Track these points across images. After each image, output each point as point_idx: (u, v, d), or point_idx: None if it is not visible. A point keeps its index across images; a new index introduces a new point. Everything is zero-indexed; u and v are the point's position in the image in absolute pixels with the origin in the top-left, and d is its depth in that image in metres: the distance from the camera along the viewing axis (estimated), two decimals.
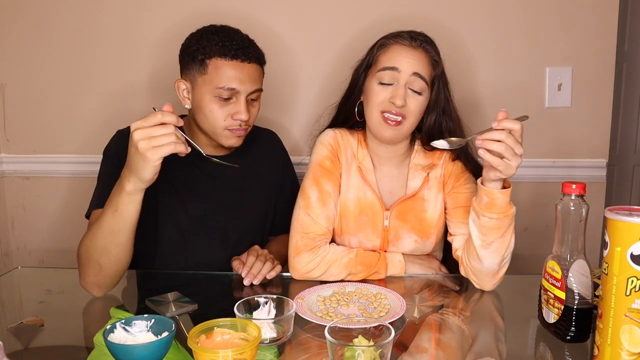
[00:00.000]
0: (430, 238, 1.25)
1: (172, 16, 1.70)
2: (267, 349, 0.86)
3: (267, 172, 1.39)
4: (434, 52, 1.18)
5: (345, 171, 1.27)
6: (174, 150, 0.92)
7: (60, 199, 1.85)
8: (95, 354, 0.85)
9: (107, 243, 1.02)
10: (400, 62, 1.15)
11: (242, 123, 1.19)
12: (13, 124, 1.82)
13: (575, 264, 0.86)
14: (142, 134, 0.91)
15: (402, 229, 1.24)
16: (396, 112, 1.14)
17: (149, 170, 0.93)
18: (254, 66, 1.18)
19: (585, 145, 1.76)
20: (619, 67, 2.44)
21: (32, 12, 1.75)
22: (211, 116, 1.17)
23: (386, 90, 1.16)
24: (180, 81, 1.21)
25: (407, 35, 1.18)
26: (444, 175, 1.25)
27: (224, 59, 1.15)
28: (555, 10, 1.69)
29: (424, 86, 1.16)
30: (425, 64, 1.16)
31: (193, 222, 1.28)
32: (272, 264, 1.18)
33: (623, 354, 0.72)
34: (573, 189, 0.86)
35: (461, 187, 1.23)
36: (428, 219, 1.24)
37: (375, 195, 1.24)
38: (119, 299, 1.13)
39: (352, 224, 1.25)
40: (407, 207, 1.24)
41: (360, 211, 1.25)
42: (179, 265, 1.28)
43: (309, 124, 1.77)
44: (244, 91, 1.16)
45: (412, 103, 1.15)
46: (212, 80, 1.15)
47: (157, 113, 0.92)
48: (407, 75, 1.14)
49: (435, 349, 0.88)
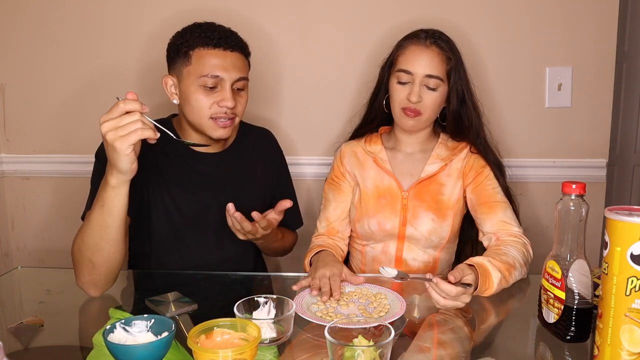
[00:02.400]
0: (447, 219, 1.31)
1: (174, 16, 1.70)
2: (267, 349, 0.86)
3: (262, 169, 1.38)
4: (447, 48, 1.27)
5: (359, 166, 1.38)
6: (141, 136, 0.93)
7: (60, 199, 1.85)
8: (94, 354, 0.85)
9: (98, 239, 1.02)
10: (414, 65, 1.25)
11: (228, 111, 1.18)
12: (13, 124, 1.82)
13: (575, 264, 0.86)
14: (108, 126, 0.92)
15: (419, 208, 1.31)
16: (413, 107, 1.26)
17: (122, 160, 0.94)
18: (236, 54, 1.19)
19: (585, 145, 1.76)
20: (619, 67, 2.44)
21: (32, 12, 1.75)
22: (197, 105, 1.17)
23: (404, 88, 1.27)
24: (167, 77, 1.22)
25: (422, 35, 1.28)
26: (465, 167, 1.33)
27: (207, 48, 1.16)
28: (555, 11, 1.69)
29: (438, 83, 1.26)
30: (439, 61, 1.25)
31: (187, 221, 1.28)
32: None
33: (623, 353, 0.72)
34: (573, 188, 0.86)
35: (484, 182, 1.30)
36: (445, 201, 1.32)
37: (392, 179, 1.34)
38: (118, 299, 1.13)
39: (372, 206, 1.34)
40: (424, 188, 1.33)
41: (379, 195, 1.35)
42: (174, 265, 1.28)
43: (305, 122, 1.78)
44: (229, 79, 1.17)
45: (428, 98, 1.26)
46: (197, 70, 1.16)
47: (120, 102, 0.93)
48: (421, 77, 1.25)
49: (435, 349, 0.88)
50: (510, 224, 1.24)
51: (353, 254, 1.44)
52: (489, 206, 1.27)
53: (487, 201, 1.28)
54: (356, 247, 1.41)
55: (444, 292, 0.95)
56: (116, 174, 0.97)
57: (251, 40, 1.26)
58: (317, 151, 1.79)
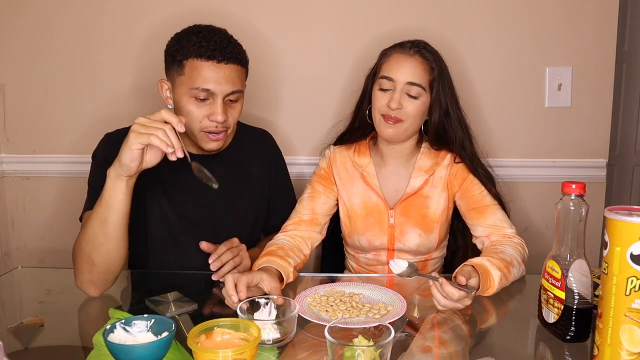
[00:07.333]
0: (433, 232, 1.31)
1: (173, 17, 1.70)
2: (267, 350, 0.86)
3: (259, 170, 1.38)
4: (431, 58, 1.25)
5: (348, 181, 1.36)
6: (153, 142, 0.96)
7: (60, 199, 1.85)
8: (94, 354, 0.85)
9: (97, 234, 1.03)
10: (396, 72, 1.23)
11: (219, 125, 1.17)
12: (13, 124, 1.82)
13: (575, 264, 0.86)
14: (139, 120, 0.99)
15: (406, 225, 1.31)
16: (393, 115, 1.23)
17: (126, 153, 0.98)
18: (231, 67, 1.15)
19: (585, 145, 1.76)
20: (619, 67, 2.44)
21: (32, 12, 1.75)
22: (188, 117, 1.16)
23: (385, 95, 1.25)
24: (163, 81, 1.21)
25: (407, 44, 1.26)
26: (449, 175, 1.30)
27: (200, 60, 1.13)
28: (555, 11, 1.69)
29: (419, 91, 1.23)
30: (421, 69, 1.23)
31: (183, 222, 1.28)
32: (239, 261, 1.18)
33: (623, 353, 0.72)
34: (573, 188, 0.86)
35: (471, 188, 1.28)
36: (430, 215, 1.31)
37: (379, 198, 1.32)
38: (118, 299, 1.14)
39: (360, 224, 1.34)
40: (409, 204, 1.31)
41: (367, 213, 1.33)
42: (170, 266, 1.29)
43: (303, 123, 1.78)
44: (220, 92, 1.14)
45: (409, 107, 1.23)
46: (189, 81, 1.14)
47: (163, 110, 0.99)
48: (402, 84, 1.23)
49: (435, 349, 0.88)
50: (502, 226, 1.23)
51: (347, 256, 1.44)
52: (478, 211, 1.26)
53: (476, 207, 1.27)
54: (350, 252, 1.42)
55: (447, 294, 0.96)
56: (117, 165, 1.00)
57: (248, 40, 1.25)
58: (317, 151, 1.78)
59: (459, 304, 0.98)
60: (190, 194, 1.28)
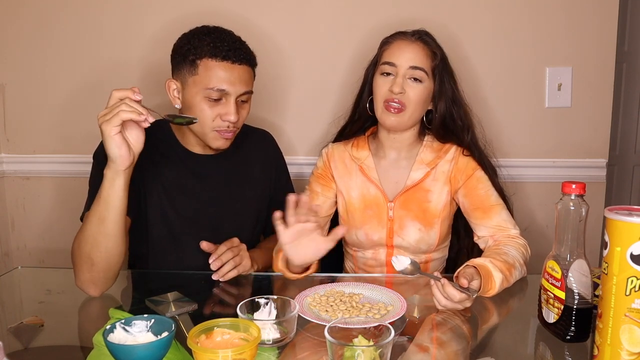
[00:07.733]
0: (433, 227, 1.29)
1: (175, 16, 1.70)
2: (267, 350, 0.86)
3: (260, 171, 1.38)
4: (433, 44, 1.26)
5: (346, 174, 1.35)
6: (123, 117, 0.96)
7: (60, 199, 1.85)
8: (94, 354, 0.85)
9: (96, 233, 1.03)
10: (398, 57, 1.23)
11: (231, 125, 1.18)
12: (13, 124, 1.82)
13: (575, 264, 0.86)
14: (101, 113, 0.98)
15: (405, 218, 1.29)
16: (397, 100, 1.22)
17: (109, 145, 0.98)
18: (244, 68, 1.18)
19: (585, 145, 1.76)
20: (619, 67, 2.44)
21: (32, 12, 1.75)
22: (201, 116, 1.16)
23: (387, 81, 1.24)
24: (171, 81, 1.21)
25: (409, 32, 1.27)
26: (453, 170, 1.29)
27: (215, 60, 1.14)
28: (555, 11, 1.69)
29: (422, 75, 1.23)
30: (424, 55, 1.24)
31: (183, 221, 1.28)
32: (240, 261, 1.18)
33: (623, 353, 0.72)
34: (573, 188, 0.86)
35: (476, 186, 1.27)
36: (431, 209, 1.29)
37: (378, 190, 1.31)
38: (118, 299, 1.13)
39: (358, 218, 1.32)
40: (410, 197, 1.29)
41: (365, 206, 1.32)
42: (171, 266, 1.29)
43: (304, 123, 1.78)
44: (234, 92, 1.16)
45: (412, 91, 1.22)
46: (203, 81, 1.15)
47: (113, 91, 0.98)
48: (404, 68, 1.22)
49: (435, 349, 0.88)
50: (506, 227, 1.23)
51: (346, 257, 1.44)
52: (483, 211, 1.25)
53: (481, 206, 1.25)
54: (348, 251, 1.41)
55: (448, 295, 0.95)
56: (110, 164, 1.00)
57: (249, 40, 1.25)
58: (316, 151, 1.78)
59: (459, 306, 0.98)
60: (190, 193, 1.28)
